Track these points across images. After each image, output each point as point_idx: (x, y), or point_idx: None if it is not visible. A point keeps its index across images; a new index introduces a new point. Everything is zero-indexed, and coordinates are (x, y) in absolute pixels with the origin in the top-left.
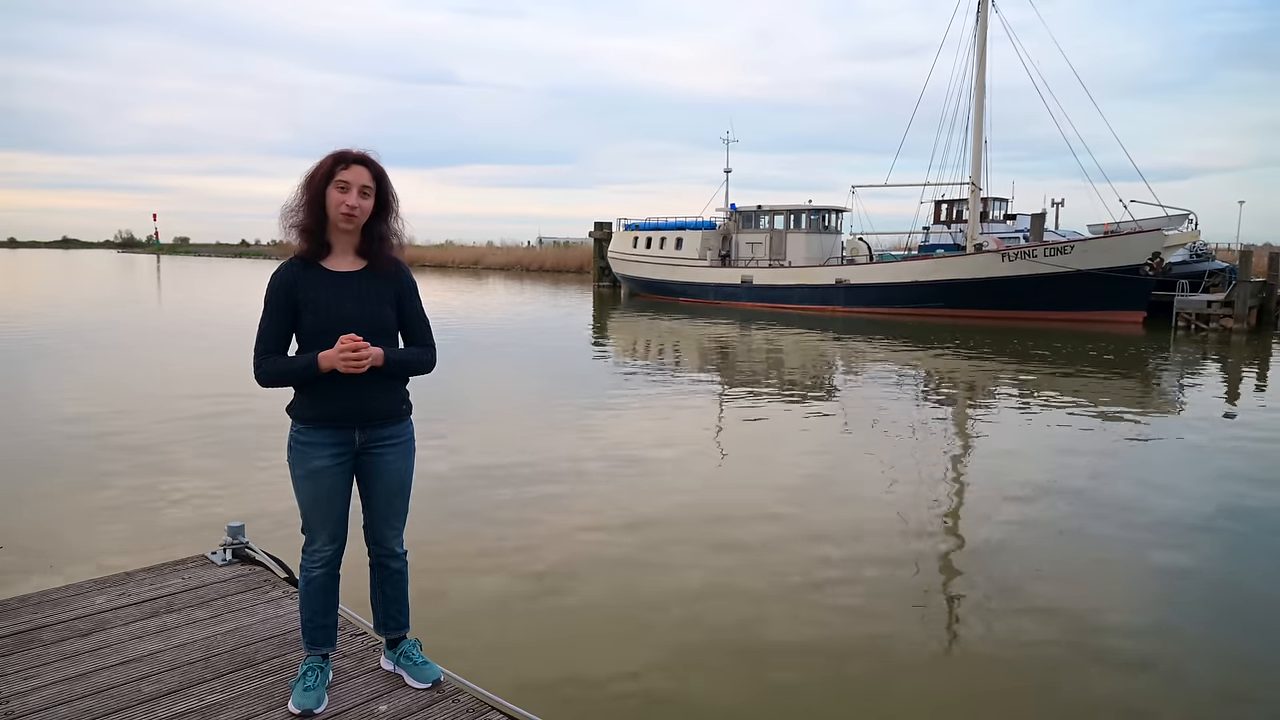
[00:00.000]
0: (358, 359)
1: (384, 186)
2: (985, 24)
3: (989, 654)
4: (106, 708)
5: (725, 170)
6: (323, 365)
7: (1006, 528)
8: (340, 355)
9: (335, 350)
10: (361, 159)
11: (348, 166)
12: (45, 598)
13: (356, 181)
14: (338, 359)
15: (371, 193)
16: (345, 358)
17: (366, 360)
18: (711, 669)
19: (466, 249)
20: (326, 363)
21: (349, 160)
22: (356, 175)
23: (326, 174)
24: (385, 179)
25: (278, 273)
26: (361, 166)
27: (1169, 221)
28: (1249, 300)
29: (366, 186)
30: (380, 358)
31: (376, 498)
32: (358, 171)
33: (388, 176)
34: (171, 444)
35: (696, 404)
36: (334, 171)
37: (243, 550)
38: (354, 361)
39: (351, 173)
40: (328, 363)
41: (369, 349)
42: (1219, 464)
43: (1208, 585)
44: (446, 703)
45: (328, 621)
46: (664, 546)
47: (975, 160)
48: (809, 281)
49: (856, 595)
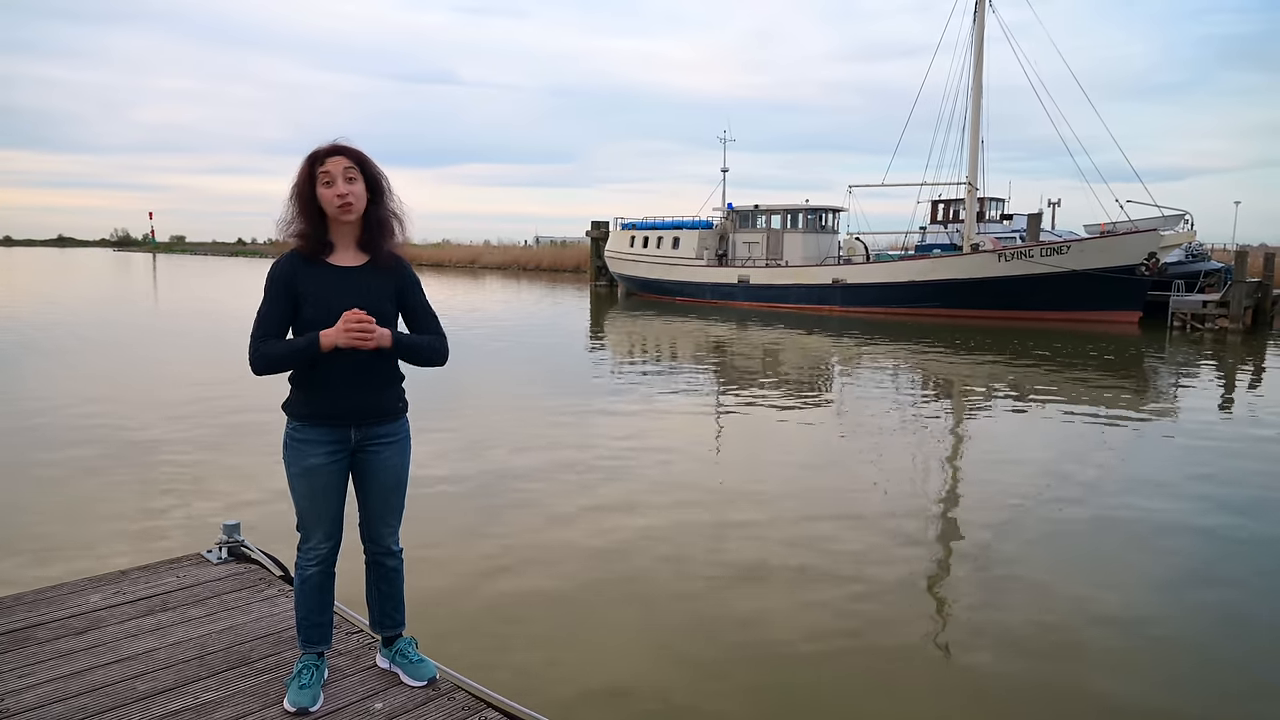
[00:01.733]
0: (363, 332)
1: (367, 168)
2: (982, 24)
3: (989, 654)
4: (101, 706)
5: (722, 170)
6: (324, 343)
7: (1006, 527)
8: (345, 328)
9: (339, 325)
10: (334, 149)
11: (324, 160)
12: (40, 596)
13: (338, 170)
14: (341, 332)
15: (357, 175)
16: (350, 329)
17: (373, 337)
18: (710, 667)
19: (463, 248)
20: (328, 340)
21: (323, 155)
22: (335, 164)
23: (308, 177)
24: (366, 160)
25: (278, 263)
26: (337, 155)
27: (1165, 222)
28: (1244, 300)
29: (348, 169)
30: (388, 338)
31: (372, 496)
32: (335, 161)
33: (369, 157)
34: (168, 442)
35: (693, 403)
36: (314, 172)
37: (238, 548)
38: (359, 335)
39: (330, 164)
40: (330, 340)
41: (376, 327)
42: (1216, 463)
43: (1207, 583)
44: (442, 700)
45: (323, 620)
46: (661, 544)
47: (972, 160)
48: (806, 281)
49: (856, 594)
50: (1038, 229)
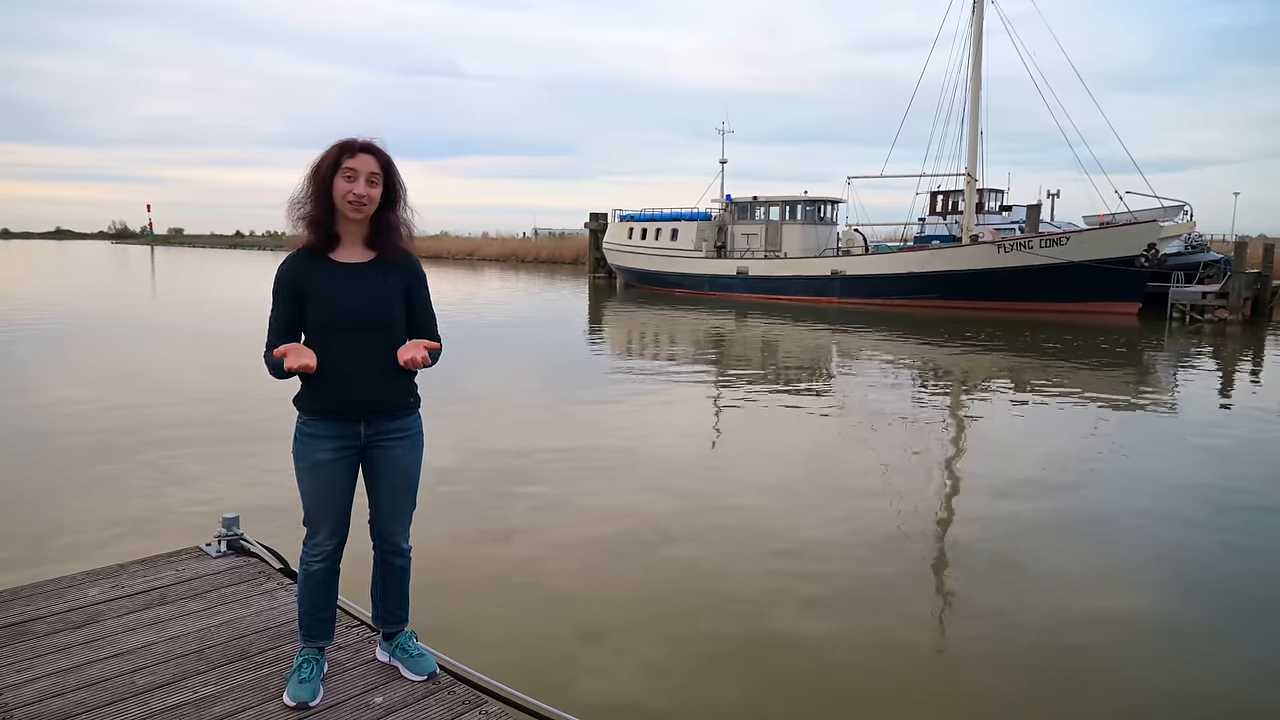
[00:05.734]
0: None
1: (391, 175)
2: (981, 16)
3: (988, 653)
4: (100, 700)
5: (720, 161)
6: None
7: (1004, 523)
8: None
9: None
10: (368, 147)
11: (354, 155)
12: (38, 589)
13: (364, 170)
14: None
15: (379, 180)
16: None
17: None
18: (711, 658)
19: (462, 240)
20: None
21: (355, 149)
22: (364, 163)
23: (333, 164)
24: (393, 167)
25: (284, 264)
26: (368, 155)
27: (1164, 213)
28: (1244, 291)
29: (374, 174)
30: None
31: (383, 493)
32: (365, 160)
33: (395, 165)
34: (166, 435)
35: (693, 396)
36: (340, 160)
37: (237, 542)
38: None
39: (358, 161)
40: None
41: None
42: (1218, 456)
43: (1207, 580)
44: (442, 694)
45: (326, 615)
46: (663, 536)
47: (971, 151)
48: (804, 273)
49: (856, 593)
50: (1037, 220)
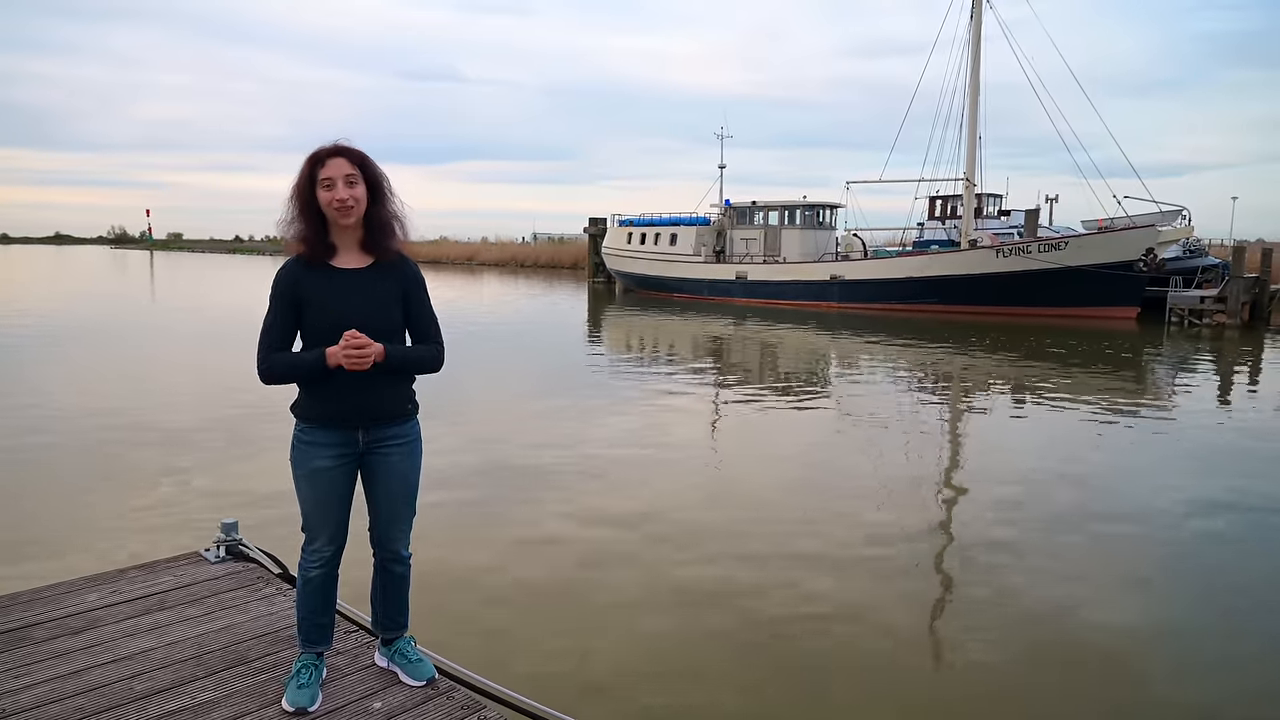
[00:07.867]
0: (360, 356)
1: (369, 170)
2: (980, 21)
3: (988, 653)
4: (98, 706)
5: (720, 166)
6: (329, 362)
7: (1004, 525)
8: (343, 352)
9: (339, 346)
10: (335, 151)
11: (324, 164)
12: (37, 595)
13: (339, 174)
14: (341, 356)
15: (358, 179)
16: (348, 354)
17: (370, 358)
18: (710, 661)
19: (461, 245)
20: (333, 359)
21: (323, 157)
22: (336, 168)
23: (309, 179)
24: (368, 161)
25: (283, 269)
26: (338, 158)
27: (1163, 217)
28: (1242, 296)
29: (350, 175)
30: (381, 354)
31: (381, 500)
32: (336, 164)
33: (370, 159)
34: (166, 440)
35: (692, 400)
36: (315, 174)
37: (236, 547)
38: (356, 359)
39: (331, 167)
40: (334, 359)
41: (371, 345)
42: (1216, 460)
43: (1208, 581)
44: (441, 699)
45: (324, 620)
46: (662, 540)
47: (970, 156)
48: (803, 277)
49: (856, 586)
50: (1035, 225)
